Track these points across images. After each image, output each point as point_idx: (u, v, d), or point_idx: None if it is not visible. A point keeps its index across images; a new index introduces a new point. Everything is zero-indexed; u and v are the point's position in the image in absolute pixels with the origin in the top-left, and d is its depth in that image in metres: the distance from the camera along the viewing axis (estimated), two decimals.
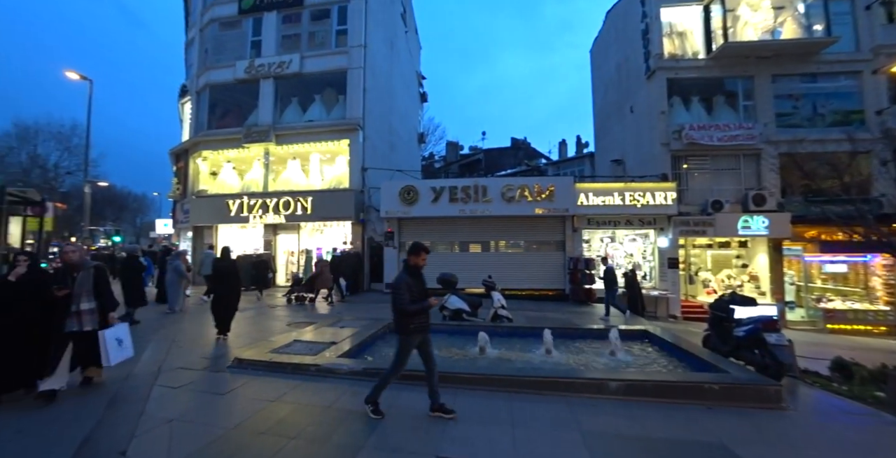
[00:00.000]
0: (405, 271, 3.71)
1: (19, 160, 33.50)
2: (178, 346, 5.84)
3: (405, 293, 3.52)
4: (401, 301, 3.51)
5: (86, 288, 3.91)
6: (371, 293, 13.42)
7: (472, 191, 12.80)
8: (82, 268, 3.99)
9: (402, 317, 3.57)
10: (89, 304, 3.89)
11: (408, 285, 3.58)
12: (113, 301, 4.15)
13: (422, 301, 3.58)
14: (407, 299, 3.51)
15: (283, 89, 15.45)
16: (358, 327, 6.83)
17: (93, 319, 3.88)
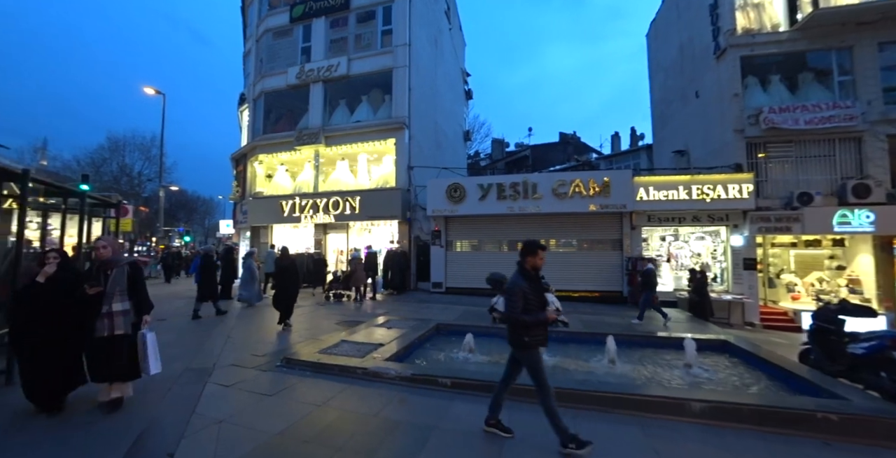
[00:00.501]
0: (521, 275, 3.19)
1: (111, 169, 37.56)
2: (232, 342, 5.97)
3: (519, 301, 3.04)
4: (514, 310, 3.04)
5: (119, 287, 3.49)
6: (417, 293, 13.32)
7: (520, 188, 12.25)
8: (116, 265, 3.56)
9: (516, 328, 3.09)
10: (122, 304, 3.47)
11: (523, 292, 3.07)
12: (149, 302, 3.76)
13: (538, 312, 3.06)
14: (520, 307, 3.03)
15: (332, 92, 15.81)
16: (406, 329, 6.64)
17: (126, 321, 3.47)
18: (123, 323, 3.45)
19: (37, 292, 3.31)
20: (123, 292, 3.50)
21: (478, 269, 12.99)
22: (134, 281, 3.62)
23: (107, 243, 3.63)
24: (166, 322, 7.60)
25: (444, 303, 11.06)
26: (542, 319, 3.06)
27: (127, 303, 3.51)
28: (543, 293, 3.19)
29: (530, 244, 3.22)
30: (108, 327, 3.37)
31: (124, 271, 3.58)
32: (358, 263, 11.56)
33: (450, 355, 5.62)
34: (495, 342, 6.38)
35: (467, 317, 8.75)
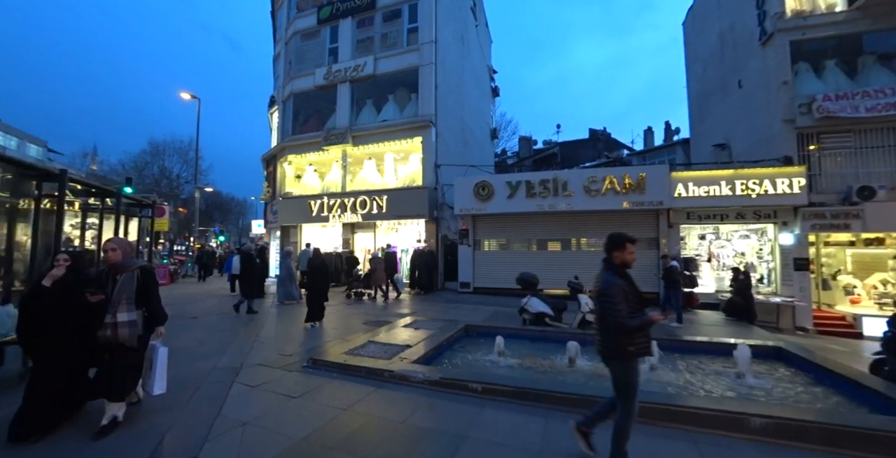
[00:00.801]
0: (612, 272, 2.77)
1: (152, 172, 39.59)
2: (261, 341, 5.99)
3: (621, 303, 2.56)
4: (617, 314, 2.56)
5: (127, 295, 3.12)
6: (445, 292, 13.16)
7: (550, 185, 11.87)
8: (125, 269, 3.20)
9: (619, 336, 2.60)
10: (129, 314, 3.10)
11: (623, 292, 2.61)
12: (162, 313, 3.41)
13: (642, 314, 2.64)
14: (624, 310, 2.56)
15: (359, 92, 15.90)
16: (433, 330, 6.48)
17: (131, 333, 3.09)
18: (128, 335, 3.08)
19: (43, 296, 3.05)
20: (131, 301, 3.14)
21: (506, 268, 12.71)
22: (144, 288, 3.24)
23: (116, 246, 3.24)
24: (199, 320, 7.78)
25: (472, 303, 10.85)
26: (649, 321, 2.61)
27: (134, 313, 3.14)
28: (639, 291, 2.76)
29: (617, 238, 2.83)
30: (112, 337, 3.05)
31: (133, 276, 3.20)
32: (378, 262, 11.61)
33: (479, 358, 5.41)
34: (526, 345, 6.14)
35: (497, 318, 8.52)
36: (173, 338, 6.23)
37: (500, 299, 11.45)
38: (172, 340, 6.06)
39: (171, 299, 10.98)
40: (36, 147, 42.89)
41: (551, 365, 5.12)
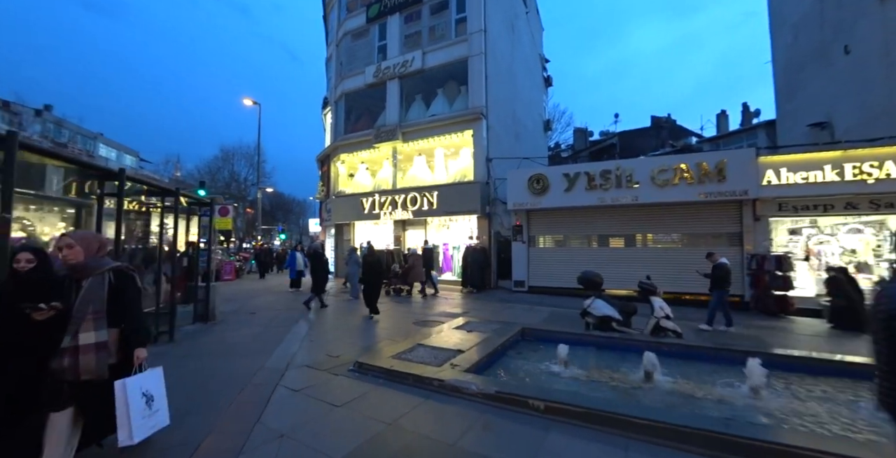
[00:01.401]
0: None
1: (223, 176, 42.99)
2: (310, 340, 5.89)
3: None
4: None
5: (94, 307, 2.29)
6: (498, 291, 12.60)
7: (613, 176, 10.85)
8: (91, 272, 2.34)
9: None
10: (97, 334, 2.26)
11: None
12: (143, 330, 2.58)
13: None
14: None
15: (408, 88, 15.75)
16: (487, 333, 6.00)
17: (100, 361, 2.26)
18: (96, 365, 2.25)
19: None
20: (101, 316, 2.29)
21: (564, 266, 11.90)
22: (119, 297, 2.39)
23: (74, 241, 2.37)
24: (256, 316, 7.96)
25: (527, 303, 10.21)
26: None
27: (104, 332, 2.30)
28: None
29: None
30: (70, 368, 2.20)
31: (103, 282, 2.35)
32: (416, 258, 11.46)
33: (539, 368, 4.85)
34: (591, 353, 5.47)
35: (555, 321, 7.85)
36: (232, 332, 6.37)
37: (557, 300, 10.70)
38: (230, 336, 6.18)
39: (234, 294, 11.58)
40: (130, 157, 48.25)
41: (623, 379, 4.43)
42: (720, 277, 7.27)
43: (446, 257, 14.81)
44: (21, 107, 32.58)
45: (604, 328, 6.44)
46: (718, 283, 7.29)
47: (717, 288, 7.31)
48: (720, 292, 7.27)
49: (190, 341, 5.75)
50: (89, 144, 43.30)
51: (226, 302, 9.92)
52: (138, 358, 2.46)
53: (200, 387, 3.93)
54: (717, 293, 7.28)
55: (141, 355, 2.48)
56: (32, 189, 4.02)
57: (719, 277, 7.27)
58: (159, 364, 2.77)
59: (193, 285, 6.89)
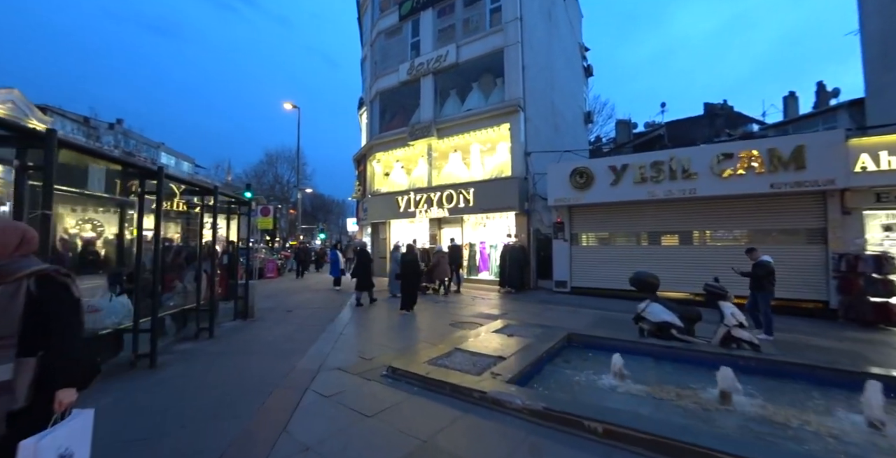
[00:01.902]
0: None
1: (268, 179, 44.97)
2: (345, 340, 5.69)
3: None
4: None
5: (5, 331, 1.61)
6: (538, 292, 12.00)
7: (665, 167, 9.94)
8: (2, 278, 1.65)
9: None
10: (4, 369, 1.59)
11: None
12: (74, 358, 1.74)
13: None
14: None
15: (442, 83, 15.45)
16: (529, 337, 5.53)
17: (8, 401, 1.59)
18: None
19: None
20: (10, 342, 1.61)
21: (609, 266, 11.13)
22: (40, 312, 1.69)
23: None
24: (293, 314, 7.94)
25: (569, 305, 9.57)
26: None
27: (8, 368, 1.60)
28: None
29: None
30: None
31: (18, 291, 1.66)
32: (441, 255, 11.14)
33: (590, 380, 4.32)
34: (649, 365, 4.85)
35: (603, 325, 7.22)
36: (268, 330, 6.32)
37: (603, 302, 9.99)
38: (266, 333, 6.12)
39: (274, 291, 11.80)
40: (187, 163, 51.58)
41: (694, 398, 3.81)
42: (761, 276, 6.47)
43: (483, 256, 14.37)
44: (97, 121, 35.75)
45: (661, 336, 5.76)
46: (760, 284, 6.50)
47: (759, 290, 6.53)
48: (765, 295, 6.47)
49: (228, 339, 5.75)
50: (153, 152, 46.86)
51: (265, 299, 10.08)
52: (61, 403, 1.68)
53: (231, 389, 3.79)
54: (762, 297, 6.49)
55: (66, 399, 1.68)
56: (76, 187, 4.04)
57: (760, 276, 6.47)
58: (196, 362, 2.59)
59: (234, 282, 6.94)
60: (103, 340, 4.02)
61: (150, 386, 3.81)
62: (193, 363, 4.51)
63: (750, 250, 6.89)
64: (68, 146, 3.55)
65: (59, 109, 31.94)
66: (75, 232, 4.84)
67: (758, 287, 6.53)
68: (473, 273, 14.25)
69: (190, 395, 3.62)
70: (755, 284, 6.57)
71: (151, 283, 4.35)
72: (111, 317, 4.09)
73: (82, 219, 4.84)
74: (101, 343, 3.99)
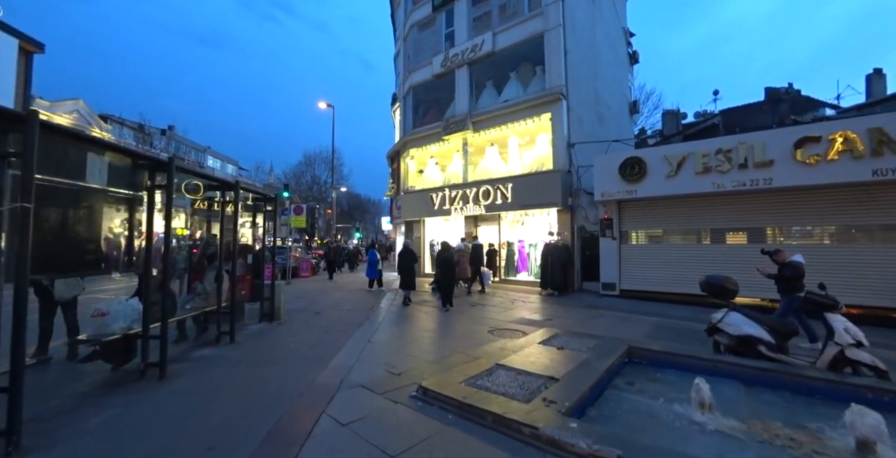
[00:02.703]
0: None
1: (306, 180, 46.14)
2: (372, 348, 5.15)
3: None
4: None
5: None
6: (583, 295, 11.02)
7: (735, 154, 8.71)
8: None
9: None
10: None
11: None
12: None
13: None
14: None
15: (477, 74, 14.73)
16: (582, 350, 4.73)
17: None
18: None
19: None
20: None
21: (663, 267, 10.02)
22: None
23: None
24: (321, 315, 7.54)
25: (620, 311, 8.60)
26: None
27: None
28: None
29: None
30: None
31: None
32: (462, 254, 10.60)
33: (666, 410, 3.48)
34: (736, 391, 3.93)
35: (663, 335, 6.28)
36: (293, 335, 5.90)
37: (657, 307, 8.96)
38: (290, 339, 5.70)
39: (306, 291, 11.59)
40: (231, 166, 54.00)
41: (816, 444, 2.89)
42: (791, 278, 5.86)
43: (522, 256, 13.53)
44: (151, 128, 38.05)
45: (745, 353, 4.78)
46: (790, 286, 5.87)
47: (787, 292, 5.94)
48: (791, 298, 5.87)
49: (249, 344, 5.36)
50: (200, 156, 49.45)
51: (296, 299, 9.83)
52: None
53: (238, 409, 3.30)
54: (786, 300, 5.98)
55: None
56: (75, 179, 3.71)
57: (790, 278, 5.86)
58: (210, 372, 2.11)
59: (260, 282, 6.61)
60: (110, 346, 3.69)
61: (151, 403, 3.39)
62: (206, 374, 4.10)
63: (776, 251, 6.22)
64: (52, 130, 3.15)
65: (119, 117, 34.20)
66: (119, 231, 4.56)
67: (788, 290, 5.91)
68: (511, 273, 13.45)
69: (190, 417, 3.16)
70: (785, 286, 5.95)
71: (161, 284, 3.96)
72: (118, 321, 3.74)
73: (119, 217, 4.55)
74: (107, 350, 3.66)
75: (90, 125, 26.66)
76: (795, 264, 5.92)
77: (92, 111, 27.67)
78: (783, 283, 5.98)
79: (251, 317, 6.60)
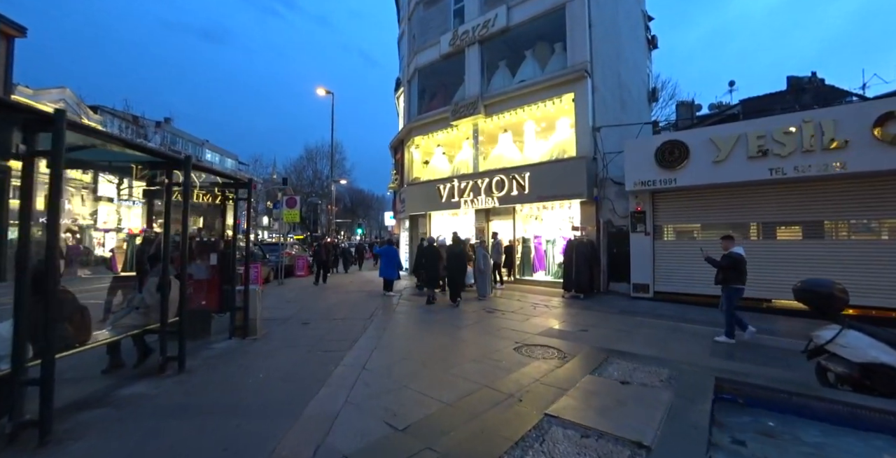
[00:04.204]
0: None
1: (307, 174, 44.91)
2: (369, 377, 3.87)
3: None
4: None
5: None
6: (611, 297, 9.70)
7: (798, 135, 7.35)
8: None
9: None
10: None
11: None
12: None
13: None
14: None
15: (489, 54, 13.35)
16: (658, 387, 3.44)
17: None
18: None
19: None
20: None
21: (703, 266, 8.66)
22: None
23: None
24: (309, 327, 6.27)
25: (662, 318, 7.33)
26: None
27: None
28: None
29: None
30: None
31: None
32: (442, 250, 9.57)
33: None
34: None
35: (732, 352, 5.01)
36: (263, 360, 4.59)
37: (700, 313, 7.76)
38: (261, 364, 4.41)
39: (295, 294, 10.19)
40: (231, 160, 52.88)
41: None
42: (726, 268, 5.81)
43: (539, 253, 12.23)
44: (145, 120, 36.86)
45: (873, 386, 3.49)
46: (727, 277, 5.80)
47: (726, 283, 5.84)
48: (730, 290, 5.79)
49: (204, 374, 4.01)
50: (197, 149, 48.33)
51: (284, 304, 8.57)
52: None
53: None
54: (727, 292, 5.81)
55: None
56: None
57: (724, 267, 5.83)
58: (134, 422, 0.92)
59: (230, 288, 5.33)
60: None
61: None
62: (116, 435, 2.79)
63: (726, 237, 6.23)
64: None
65: (111, 108, 33.01)
66: None
67: (726, 280, 5.82)
68: (528, 273, 12.15)
69: None
70: (719, 277, 5.91)
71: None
72: None
73: None
74: None
75: (77, 115, 25.47)
76: (735, 255, 5.83)
77: (80, 101, 26.49)
78: (719, 273, 5.88)
79: (219, 331, 5.34)
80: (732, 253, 5.91)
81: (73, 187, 26.78)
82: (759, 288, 8.21)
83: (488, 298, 9.36)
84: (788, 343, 5.68)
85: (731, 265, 5.76)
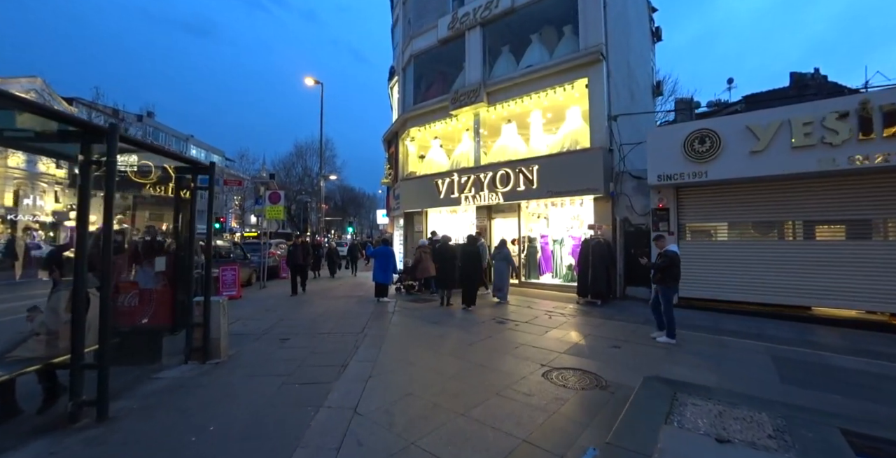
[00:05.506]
0: None
1: (297, 171, 43.56)
2: (358, 436, 2.82)
3: None
4: None
5: None
6: (630, 303, 8.76)
7: (853, 120, 6.46)
8: None
9: None
10: None
11: None
12: None
13: None
14: None
15: (492, 38, 12.32)
16: (776, 451, 2.44)
17: None
18: None
19: None
20: None
21: (734, 270, 7.85)
22: None
23: None
24: (288, 344, 5.17)
25: (701, 330, 6.45)
26: None
27: None
28: None
29: None
30: None
31: None
32: (423, 251, 9.33)
33: None
34: None
35: (807, 378, 4.10)
36: (222, 399, 3.48)
37: (736, 322, 6.94)
38: (216, 407, 3.29)
39: (276, 301, 8.91)
40: (217, 156, 51.16)
41: None
42: (663, 267, 5.77)
43: (546, 254, 11.26)
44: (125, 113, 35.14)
45: None
46: (664, 275, 5.77)
47: (663, 283, 5.81)
48: (668, 289, 5.81)
49: (132, 424, 2.86)
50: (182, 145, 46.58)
51: (263, 313, 7.44)
52: None
53: None
54: (665, 291, 5.81)
55: None
56: None
57: (661, 267, 5.79)
58: None
59: (186, 300, 4.21)
60: None
61: None
62: None
63: (658, 236, 6.34)
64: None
65: (89, 101, 31.38)
66: None
67: (662, 280, 5.80)
68: (534, 275, 11.17)
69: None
70: (655, 276, 5.89)
71: None
72: None
73: None
74: None
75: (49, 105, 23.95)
76: (671, 253, 5.80)
77: (52, 91, 24.90)
78: (656, 273, 5.84)
79: (175, 353, 4.22)
80: (668, 251, 5.89)
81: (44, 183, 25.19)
82: (797, 294, 7.34)
83: (505, 303, 8.72)
84: (857, 362, 4.77)
85: (669, 264, 5.73)
